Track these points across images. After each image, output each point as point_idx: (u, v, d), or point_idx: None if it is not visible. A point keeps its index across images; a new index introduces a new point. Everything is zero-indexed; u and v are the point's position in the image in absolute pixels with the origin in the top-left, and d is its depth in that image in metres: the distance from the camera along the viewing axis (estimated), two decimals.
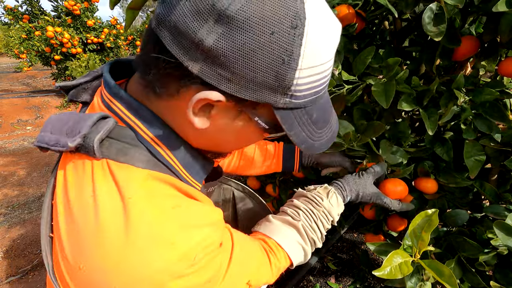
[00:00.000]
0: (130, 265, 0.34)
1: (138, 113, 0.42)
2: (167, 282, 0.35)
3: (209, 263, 0.41)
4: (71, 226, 0.37)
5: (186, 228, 0.39)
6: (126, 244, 0.35)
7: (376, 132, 0.73)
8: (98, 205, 0.36)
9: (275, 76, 0.36)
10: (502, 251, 0.66)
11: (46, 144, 0.41)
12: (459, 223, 0.75)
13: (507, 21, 0.62)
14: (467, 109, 0.72)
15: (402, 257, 0.49)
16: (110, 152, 0.40)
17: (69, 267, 0.36)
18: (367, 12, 0.89)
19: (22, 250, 1.89)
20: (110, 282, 0.34)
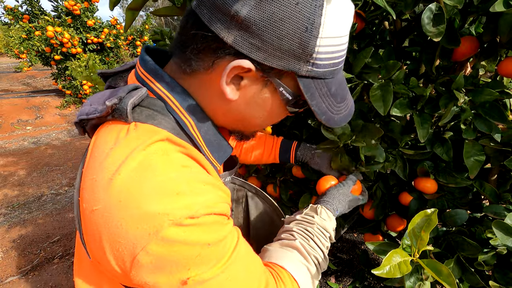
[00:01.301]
0: (136, 204, 0.37)
1: (169, 86, 0.47)
2: (165, 226, 0.37)
3: (211, 225, 0.41)
4: (90, 175, 0.41)
5: (193, 182, 0.41)
6: (134, 185, 0.38)
7: (374, 135, 0.73)
8: (115, 151, 0.40)
9: (299, 43, 0.40)
10: (501, 251, 0.66)
11: (85, 115, 0.45)
12: (458, 223, 0.75)
13: (506, 21, 0.63)
14: (467, 110, 0.72)
15: (401, 256, 0.49)
16: (140, 117, 0.44)
17: (87, 213, 0.40)
18: (367, 12, 0.89)
19: (22, 250, 1.89)
20: (118, 218, 0.37)
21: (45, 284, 1.61)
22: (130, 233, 0.37)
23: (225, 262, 0.43)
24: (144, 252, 0.37)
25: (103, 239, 0.39)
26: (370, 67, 0.76)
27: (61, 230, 2.10)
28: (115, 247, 0.39)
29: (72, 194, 2.65)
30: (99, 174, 0.40)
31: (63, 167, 3.21)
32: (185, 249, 0.39)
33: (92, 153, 0.43)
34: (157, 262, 0.38)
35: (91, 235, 0.41)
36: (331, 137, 0.78)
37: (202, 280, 0.41)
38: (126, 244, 0.38)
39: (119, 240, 0.38)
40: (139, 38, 6.32)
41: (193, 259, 0.40)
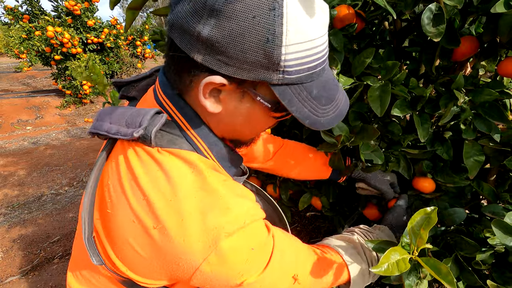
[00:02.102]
0: (197, 221, 0.43)
1: (183, 111, 0.51)
2: (222, 238, 0.43)
3: (255, 231, 0.48)
4: (140, 196, 0.45)
5: (237, 197, 0.47)
6: (193, 205, 0.44)
7: (371, 136, 0.73)
8: (168, 174, 0.45)
9: (264, 54, 0.40)
10: (499, 250, 0.66)
11: (106, 132, 0.49)
12: (456, 222, 0.75)
13: (506, 22, 0.63)
14: (466, 110, 0.72)
15: (400, 254, 0.49)
16: (162, 142, 0.49)
17: (144, 231, 0.44)
18: (367, 12, 0.89)
19: (22, 250, 1.89)
20: (181, 235, 0.42)
21: (45, 284, 1.61)
22: (194, 247, 0.43)
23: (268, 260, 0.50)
24: (206, 262, 0.43)
25: (159, 258, 0.45)
26: (370, 67, 0.77)
27: (61, 230, 2.10)
28: (175, 263, 0.44)
29: (72, 194, 2.65)
30: (154, 196, 0.44)
31: (63, 167, 3.21)
32: (237, 256, 0.45)
33: (129, 172, 0.47)
34: (216, 270, 0.45)
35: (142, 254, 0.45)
36: (329, 139, 0.79)
37: (255, 280, 0.48)
38: (187, 259, 0.43)
39: (181, 256, 0.43)
40: (139, 38, 6.31)
41: (243, 264, 0.46)
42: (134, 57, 6.47)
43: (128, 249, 0.46)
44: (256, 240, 0.48)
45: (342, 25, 0.77)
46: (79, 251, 0.60)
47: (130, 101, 0.63)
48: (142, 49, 6.47)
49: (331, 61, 0.73)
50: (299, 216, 1.88)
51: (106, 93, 1.10)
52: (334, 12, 0.76)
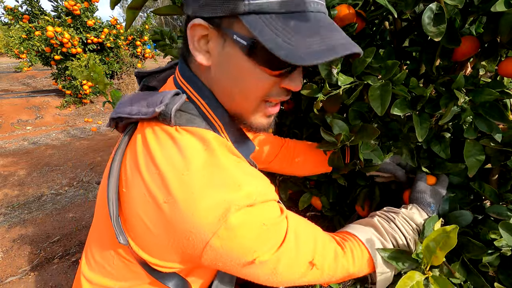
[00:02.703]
0: (207, 195, 0.43)
1: (201, 91, 0.53)
2: (232, 211, 0.43)
3: (265, 208, 0.48)
4: (154, 170, 0.46)
5: (249, 176, 0.48)
6: (204, 180, 0.44)
7: (371, 136, 0.73)
8: (182, 150, 0.46)
9: None
10: (506, 252, 0.65)
11: (127, 114, 0.52)
12: (463, 224, 0.75)
13: (507, 21, 0.62)
14: (467, 109, 0.72)
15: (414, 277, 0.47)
16: (181, 121, 0.50)
17: (155, 205, 0.45)
18: (367, 12, 0.89)
19: (22, 250, 1.89)
20: (190, 208, 0.43)
21: (45, 284, 1.61)
22: (203, 221, 0.43)
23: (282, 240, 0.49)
24: (216, 236, 0.43)
25: (169, 232, 0.45)
26: (370, 67, 0.76)
27: (61, 230, 2.09)
28: (185, 237, 0.44)
29: (72, 194, 2.65)
30: (168, 172, 0.45)
31: (63, 167, 3.21)
32: (247, 232, 0.45)
33: (147, 150, 0.48)
34: (226, 245, 0.44)
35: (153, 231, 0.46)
36: (329, 138, 0.78)
37: (267, 259, 0.48)
38: (197, 233, 0.43)
39: (191, 229, 0.43)
40: (139, 38, 6.31)
41: (255, 241, 0.46)
42: (134, 57, 6.47)
43: (140, 226, 0.47)
44: (267, 217, 0.48)
45: (342, 24, 0.77)
46: (95, 236, 0.61)
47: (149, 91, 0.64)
48: (142, 49, 6.47)
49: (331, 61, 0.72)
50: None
51: (106, 92, 1.10)
52: (334, 12, 0.76)
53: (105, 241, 0.57)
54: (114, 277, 0.57)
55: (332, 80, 0.74)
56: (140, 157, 0.48)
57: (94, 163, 3.29)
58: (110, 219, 0.49)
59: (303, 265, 0.53)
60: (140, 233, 0.48)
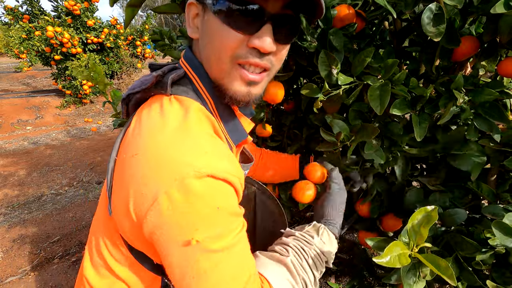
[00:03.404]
0: (170, 153, 0.44)
1: (197, 69, 0.58)
2: (190, 176, 0.42)
3: (225, 192, 0.46)
4: (136, 131, 0.49)
5: (218, 151, 0.48)
6: (173, 140, 0.45)
7: (370, 135, 0.73)
8: (163, 114, 0.50)
9: None
10: (500, 251, 0.66)
11: (131, 89, 0.57)
12: (457, 222, 0.75)
13: (507, 22, 0.63)
14: (466, 110, 0.72)
15: (401, 248, 0.49)
16: (178, 91, 0.55)
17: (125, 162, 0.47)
18: (367, 12, 0.89)
19: (22, 250, 1.89)
20: (151, 162, 0.44)
21: (45, 284, 1.61)
22: (158, 176, 0.42)
23: (228, 240, 0.46)
24: (166, 195, 0.42)
25: (131, 183, 0.45)
26: (370, 67, 0.77)
27: (61, 230, 2.09)
28: (139, 190, 0.44)
29: (72, 194, 2.65)
30: (145, 131, 0.48)
31: (63, 167, 3.21)
32: (199, 204, 0.42)
33: (138, 118, 0.52)
34: (173, 210, 0.42)
35: (121, 183, 0.48)
36: (329, 138, 0.79)
37: (204, 248, 0.43)
38: (151, 187, 0.43)
39: (147, 182, 0.43)
40: (139, 38, 6.31)
41: (202, 218, 0.43)
42: (134, 57, 6.47)
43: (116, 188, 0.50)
44: (225, 201, 0.45)
45: (342, 24, 0.77)
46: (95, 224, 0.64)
47: None
48: (142, 49, 6.47)
49: (332, 61, 0.73)
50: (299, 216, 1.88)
51: (106, 92, 1.10)
52: (334, 12, 0.76)
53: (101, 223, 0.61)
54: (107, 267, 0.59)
55: (332, 80, 0.74)
56: (131, 125, 0.53)
57: (94, 163, 3.29)
58: (107, 190, 0.52)
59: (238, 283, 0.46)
60: (114, 201, 0.50)
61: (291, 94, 1.16)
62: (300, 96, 1.04)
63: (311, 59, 0.82)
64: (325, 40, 0.75)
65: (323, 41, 0.76)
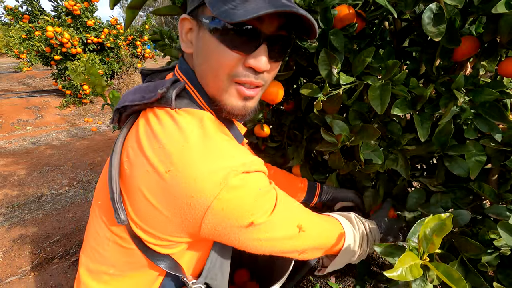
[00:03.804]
0: (206, 162, 0.47)
1: (193, 82, 0.59)
2: (231, 176, 0.47)
3: (259, 177, 0.53)
4: (156, 145, 0.50)
5: (240, 150, 0.53)
6: (203, 149, 0.49)
7: (371, 136, 0.73)
8: (180, 126, 0.51)
9: None
10: (505, 252, 0.65)
11: (130, 102, 0.57)
12: (460, 224, 0.75)
13: (507, 22, 0.62)
14: (467, 110, 0.72)
15: (412, 259, 0.48)
16: (181, 104, 0.56)
17: (157, 176, 0.48)
18: (367, 12, 0.89)
19: (22, 250, 1.89)
20: (192, 175, 0.46)
21: (45, 284, 1.61)
22: (205, 186, 0.46)
23: (274, 204, 0.55)
24: (217, 199, 0.47)
25: (169, 201, 0.48)
26: (370, 67, 0.76)
27: (61, 230, 2.09)
28: (186, 204, 0.47)
29: (72, 194, 2.65)
30: (168, 143, 0.49)
31: (63, 167, 3.21)
32: (245, 195, 0.49)
33: (147, 130, 0.53)
34: (227, 207, 0.48)
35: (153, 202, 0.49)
36: (329, 139, 0.78)
37: (263, 222, 0.52)
38: (199, 197, 0.47)
39: (192, 195, 0.47)
40: (139, 38, 6.30)
41: (252, 204, 0.51)
42: (134, 57, 6.46)
43: (141, 200, 0.50)
44: (261, 183, 0.53)
45: (343, 25, 0.77)
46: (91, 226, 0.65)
47: None
48: (142, 49, 6.46)
49: (332, 60, 0.72)
50: None
51: (105, 94, 1.10)
52: (334, 12, 0.76)
53: (101, 226, 0.60)
54: (108, 262, 0.60)
55: (332, 80, 0.74)
56: (142, 137, 0.53)
57: (94, 163, 3.28)
58: (111, 199, 0.52)
59: (293, 229, 0.59)
60: (141, 207, 0.51)
61: (291, 94, 1.16)
62: (300, 96, 1.04)
63: (311, 59, 0.82)
64: (326, 41, 0.75)
65: (324, 41, 0.75)
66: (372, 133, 0.74)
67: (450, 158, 0.76)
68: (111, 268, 0.60)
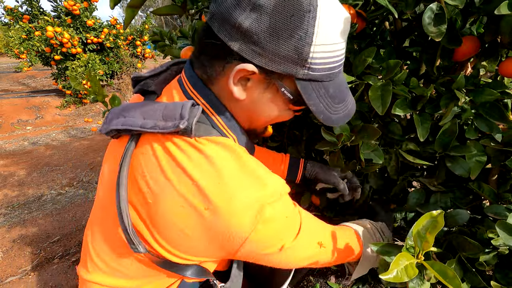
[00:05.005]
0: (243, 197, 0.48)
1: (213, 104, 0.55)
2: (265, 208, 0.49)
3: (286, 203, 0.55)
4: (188, 181, 0.49)
5: (269, 174, 0.54)
6: (237, 184, 0.49)
7: (371, 136, 0.73)
8: (210, 159, 0.49)
9: (294, 49, 0.46)
10: (503, 251, 0.65)
11: (139, 127, 0.52)
12: (459, 223, 0.75)
13: (509, 23, 0.62)
14: (467, 110, 0.72)
15: (407, 259, 0.48)
16: (199, 132, 0.53)
17: (194, 213, 0.48)
18: (368, 12, 0.89)
19: (22, 250, 1.89)
20: (231, 211, 0.47)
21: (45, 284, 1.61)
22: (243, 221, 0.48)
23: (299, 228, 0.57)
24: (254, 232, 0.49)
25: (210, 235, 0.50)
26: (371, 67, 0.76)
27: (61, 230, 2.09)
28: (226, 236, 0.49)
29: (72, 194, 2.65)
30: (202, 180, 0.48)
31: (63, 167, 3.21)
32: (276, 224, 0.52)
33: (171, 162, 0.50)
34: (262, 237, 0.51)
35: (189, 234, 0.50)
36: (330, 138, 0.78)
37: (291, 246, 0.55)
38: (238, 231, 0.49)
39: (232, 230, 0.48)
40: (139, 38, 6.30)
41: (282, 231, 0.54)
42: (134, 57, 6.46)
43: (176, 232, 0.51)
44: (289, 209, 0.56)
45: None
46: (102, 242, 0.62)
47: (146, 95, 0.62)
48: (142, 49, 6.46)
49: None
50: None
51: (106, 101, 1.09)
52: None
53: (118, 248, 0.59)
54: (129, 277, 0.60)
55: None
56: (168, 171, 0.50)
57: (94, 163, 3.28)
58: (123, 231, 0.50)
59: (314, 247, 0.61)
60: (173, 236, 0.51)
61: None
62: None
63: None
64: None
65: None
66: (373, 133, 0.74)
67: (452, 158, 0.76)
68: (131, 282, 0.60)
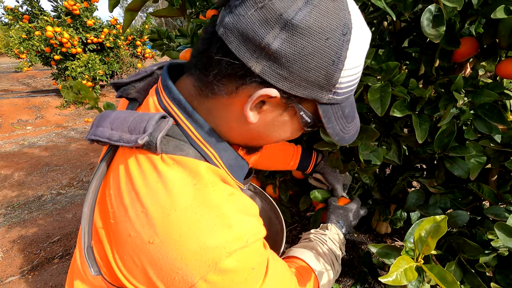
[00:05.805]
0: (195, 239, 0.41)
1: (191, 118, 0.48)
2: (223, 258, 0.41)
3: (256, 250, 0.46)
4: (139, 208, 0.43)
5: (240, 214, 0.45)
6: (192, 221, 0.41)
7: (370, 137, 0.73)
8: (167, 186, 0.43)
9: (325, 75, 0.41)
10: (503, 253, 0.65)
11: (107, 139, 0.46)
12: (459, 224, 0.75)
13: (506, 26, 0.62)
14: (466, 111, 0.72)
15: (407, 262, 0.48)
16: (168, 148, 0.46)
17: (138, 244, 0.43)
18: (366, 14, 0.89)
19: (22, 250, 1.90)
20: (178, 252, 0.41)
21: (45, 284, 1.61)
22: (190, 265, 0.41)
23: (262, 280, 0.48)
24: (203, 280, 0.41)
25: (154, 269, 0.43)
26: (370, 68, 0.76)
27: (61, 230, 2.10)
28: (170, 277, 0.42)
29: (72, 194, 2.65)
30: (152, 209, 0.42)
31: (63, 167, 3.21)
32: (237, 276, 0.43)
33: (128, 183, 0.45)
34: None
35: (138, 264, 0.44)
36: (328, 139, 0.79)
37: None
38: (184, 275, 0.41)
39: (177, 271, 0.41)
40: (139, 38, 6.30)
41: (242, 284, 0.44)
42: (134, 57, 6.47)
43: (128, 259, 0.45)
44: (256, 260, 0.47)
45: None
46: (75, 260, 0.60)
47: (130, 102, 0.58)
48: (142, 49, 6.47)
49: None
50: (299, 216, 1.87)
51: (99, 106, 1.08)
52: None
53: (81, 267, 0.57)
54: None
55: None
56: (124, 191, 0.45)
57: (94, 163, 3.29)
58: (82, 248, 0.48)
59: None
60: (129, 265, 0.46)
61: None
62: None
63: None
64: None
65: None
66: (372, 134, 0.74)
67: (451, 159, 0.76)
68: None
